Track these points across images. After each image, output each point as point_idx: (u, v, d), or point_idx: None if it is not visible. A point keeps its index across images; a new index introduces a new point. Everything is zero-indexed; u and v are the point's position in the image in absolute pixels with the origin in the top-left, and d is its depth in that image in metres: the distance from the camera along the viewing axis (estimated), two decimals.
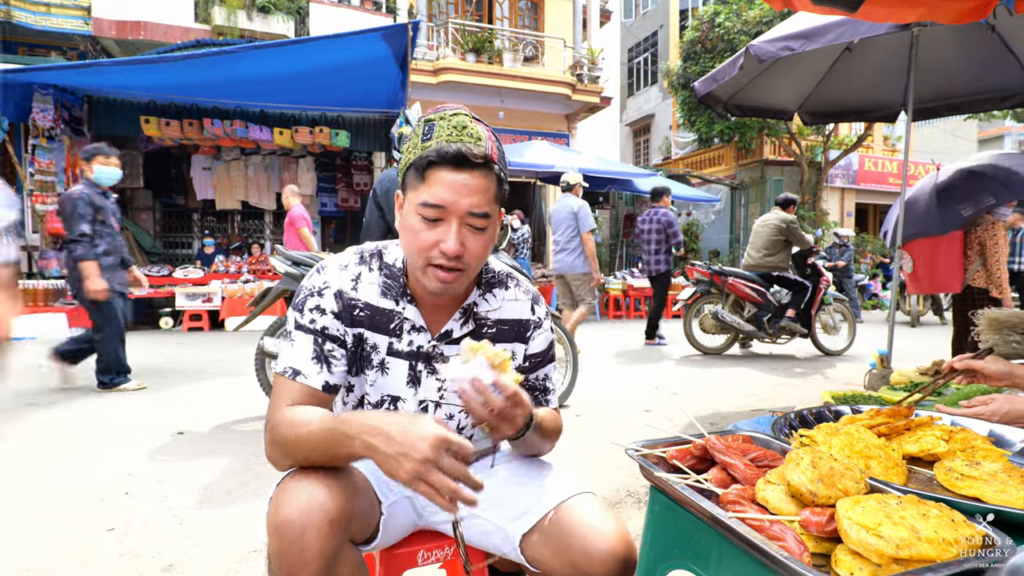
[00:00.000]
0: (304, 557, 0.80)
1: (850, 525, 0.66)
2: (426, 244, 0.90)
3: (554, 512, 0.97)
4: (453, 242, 0.89)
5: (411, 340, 1.01)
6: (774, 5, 1.91)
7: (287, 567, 0.81)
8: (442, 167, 0.88)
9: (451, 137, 0.89)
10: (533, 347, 1.10)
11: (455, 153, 0.87)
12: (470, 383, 0.84)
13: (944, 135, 20.43)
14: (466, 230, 0.91)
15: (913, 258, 3.79)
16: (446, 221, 0.90)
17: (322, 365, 0.96)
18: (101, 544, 1.81)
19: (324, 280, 0.99)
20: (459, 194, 0.88)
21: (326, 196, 10.56)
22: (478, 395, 0.84)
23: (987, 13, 1.68)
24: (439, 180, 0.88)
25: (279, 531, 0.81)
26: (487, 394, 0.84)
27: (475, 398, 0.84)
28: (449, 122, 0.91)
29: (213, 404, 3.66)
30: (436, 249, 0.90)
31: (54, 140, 6.99)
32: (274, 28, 9.08)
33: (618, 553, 0.92)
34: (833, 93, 4.30)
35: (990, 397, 1.17)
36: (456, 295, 1.01)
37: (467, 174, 0.88)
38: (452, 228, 0.89)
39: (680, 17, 18.53)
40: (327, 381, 0.96)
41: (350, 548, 0.89)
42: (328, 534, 0.81)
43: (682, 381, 4.52)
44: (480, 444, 1.13)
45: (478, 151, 0.88)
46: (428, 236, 0.90)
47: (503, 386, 0.85)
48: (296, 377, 0.95)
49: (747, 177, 15.58)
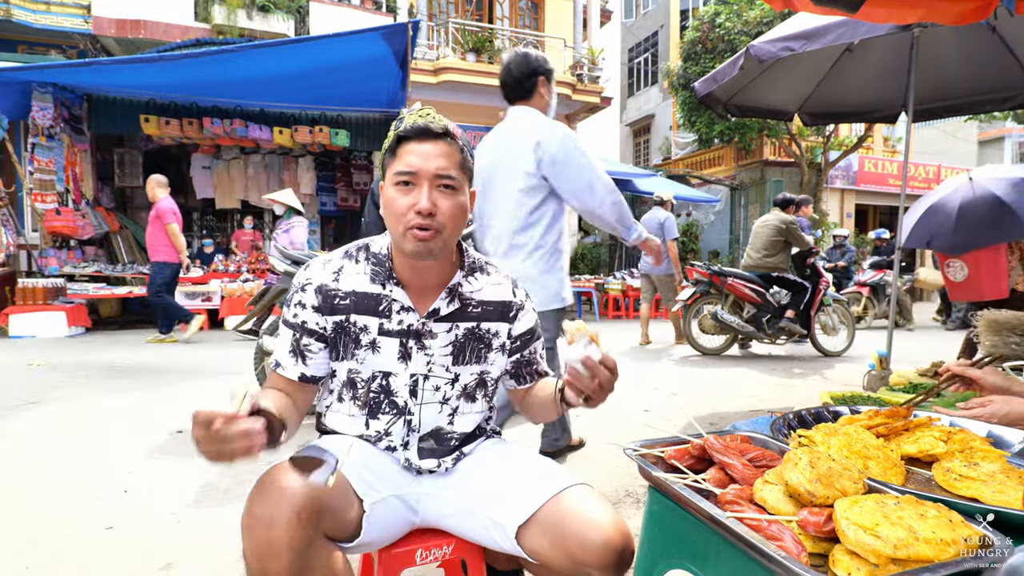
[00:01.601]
0: (273, 551, 0.82)
1: (848, 525, 0.66)
2: (402, 208, 1.00)
3: (550, 503, 0.98)
4: (426, 200, 0.98)
5: (401, 319, 1.08)
6: (775, 6, 1.91)
7: (258, 561, 0.83)
8: (410, 140, 1.01)
9: (417, 119, 1.02)
10: (519, 327, 1.19)
11: (419, 127, 1.01)
12: (582, 362, 0.95)
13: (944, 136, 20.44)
14: (436, 192, 1.00)
15: (969, 267, 3.75)
16: (417, 185, 1.00)
17: (298, 359, 1.08)
18: (99, 542, 1.81)
19: (307, 277, 1.09)
20: (426, 159, 1.00)
21: (325, 195, 10.56)
22: (587, 371, 0.96)
23: (988, 14, 1.68)
24: (408, 151, 1.01)
25: (249, 527, 0.84)
26: (598, 370, 0.96)
27: (584, 374, 0.96)
28: (415, 114, 1.04)
29: (212, 403, 3.66)
30: (411, 212, 0.99)
31: (53, 139, 6.99)
32: (274, 27, 9.07)
33: (614, 543, 0.93)
34: (833, 94, 4.30)
35: (988, 399, 1.17)
36: (444, 265, 1.09)
37: (431, 143, 1.01)
38: (424, 189, 0.99)
39: (680, 17, 18.52)
40: (303, 372, 1.09)
41: (324, 542, 0.90)
42: (297, 527, 0.83)
43: (681, 381, 4.52)
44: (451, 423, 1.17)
45: (439, 125, 1.02)
46: (404, 201, 1.00)
47: (607, 359, 0.97)
48: (278, 368, 1.10)
49: (747, 178, 15.59)
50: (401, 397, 1.09)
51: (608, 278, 10.27)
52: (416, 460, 1.11)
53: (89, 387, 3.99)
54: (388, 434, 1.10)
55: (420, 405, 1.11)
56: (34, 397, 3.64)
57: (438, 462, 1.12)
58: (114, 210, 8.80)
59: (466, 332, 1.12)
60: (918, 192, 16.75)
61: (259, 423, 0.82)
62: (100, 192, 8.50)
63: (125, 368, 4.70)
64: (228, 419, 0.80)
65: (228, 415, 0.80)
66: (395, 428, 1.10)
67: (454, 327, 1.11)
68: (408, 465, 1.11)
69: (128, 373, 4.48)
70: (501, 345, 1.17)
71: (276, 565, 0.82)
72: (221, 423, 0.80)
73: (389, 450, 1.11)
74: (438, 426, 1.12)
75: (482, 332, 1.14)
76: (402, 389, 1.09)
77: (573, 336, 0.98)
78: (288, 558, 0.82)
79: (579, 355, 0.95)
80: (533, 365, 1.24)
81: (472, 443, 1.18)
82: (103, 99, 7.66)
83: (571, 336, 0.98)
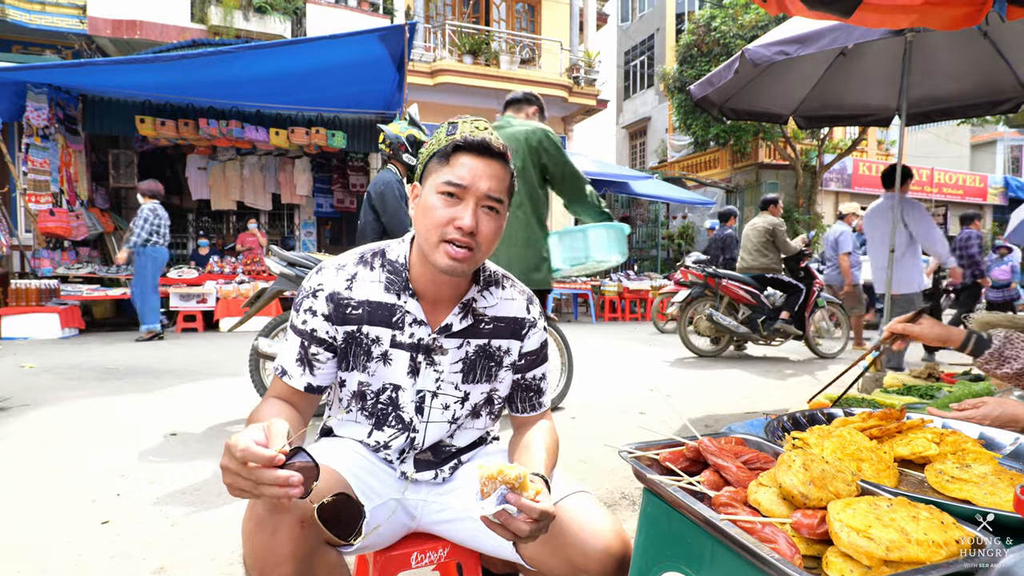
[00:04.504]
0: (276, 558, 0.80)
1: (841, 527, 0.66)
2: (443, 220, 0.95)
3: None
4: (470, 218, 0.95)
5: (412, 333, 1.04)
6: (769, 10, 1.92)
7: (260, 568, 0.81)
8: (467, 152, 0.97)
9: (475, 131, 0.99)
10: (528, 345, 1.13)
11: (480, 141, 0.97)
12: (495, 516, 0.80)
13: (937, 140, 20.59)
14: (481, 211, 0.97)
15: None
16: (464, 200, 0.96)
17: (305, 368, 1.03)
18: (92, 545, 1.80)
19: (319, 282, 1.04)
20: (479, 177, 0.96)
21: (322, 197, 10.54)
22: (505, 526, 0.81)
23: (980, 19, 1.70)
24: (463, 163, 0.96)
25: (251, 533, 0.82)
26: (514, 524, 0.81)
27: (504, 527, 0.81)
28: (471, 123, 1.01)
29: (206, 405, 3.64)
30: (452, 225, 0.95)
31: (48, 139, 6.95)
32: (271, 28, 9.04)
33: (614, 551, 0.92)
34: (828, 97, 4.33)
35: (981, 400, 1.18)
36: (461, 280, 1.05)
37: (487, 161, 0.97)
38: (469, 206, 0.96)
39: (676, 21, 18.60)
40: (309, 383, 1.04)
41: (326, 549, 0.88)
42: (300, 535, 0.81)
43: (676, 383, 4.53)
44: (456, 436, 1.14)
45: (498, 144, 0.98)
46: (445, 213, 0.96)
47: (528, 510, 0.80)
48: (283, 376, 1.04)
49: (742, 180, 15.65)
50: (407, 413, 1.06)
51: (604, 280, 10.28)
52: (412, 472, 1.09)
53: (82, 389, 3.96)
54: (387, 447, 1.08)
55: (426, 423, 1.07)
56: (26, 399, 3.61)
57: (435, 472, 1.11)
58: (108, 211, 8.75)
59: (477, 349, 1.08)
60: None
61: (298, 477, 0.73)
62: (94, 193, 8.45)
63: (118, 370, 4.67)
64: (267, 462, 0.72)
65: (267, 457, 0.72)
66: (395, 443, 1.07)
67: (465, 343, 1.07)
68: (404, 477, 1.09)
69: (121, 375, 4.46)
70: (512, 363, 1.13)
71: (278, 572, 0.80)
72: (259, 465, 0.72)
73: (386, 462, 1.09)
74: (439, 440, 1.10)
75: (493, 349, 1.10)
76: (408, 405, 1.06)
77: (485, 486, 0.80)
78: (291, 565, 0.81)
79: (492, 512, 0.79)
80: (531, 392, 1.16)
81: (471, 452, 1.17)
82: (98, 100, 7.62)
83: (483, 486, 0.80)
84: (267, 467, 0.72)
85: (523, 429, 1.15)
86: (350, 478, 0.98)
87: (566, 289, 9.85)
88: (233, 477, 0.73)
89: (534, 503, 0.80)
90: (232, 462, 0.72)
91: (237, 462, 0.72)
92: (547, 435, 1.11)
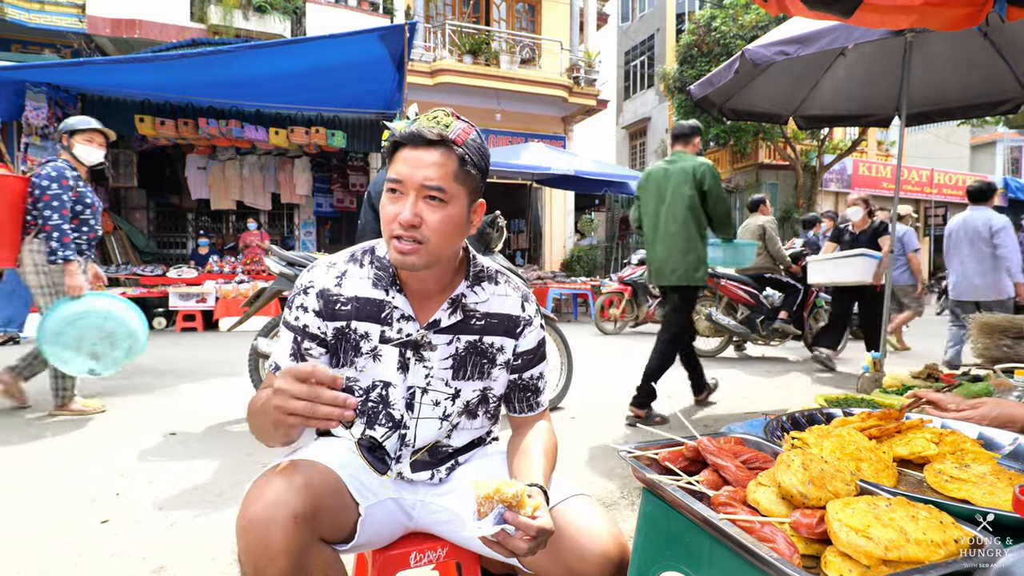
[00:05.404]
0: (270, 554, 0.80)
1: (839, 527, 0.67)
2: (389, 217, 0.96)
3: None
4: (407, 212, 0.94)
5: (401, 328, 1.04)
6: (769, 10, 1.92)
7: (254, 564, 0.81)
8: (405, 147, 0.96)
9: (416, 122, 0.96)
10: (524, 344, 1.12)
11: (412, 133, 0.95)
12: (494, 536, 0.80)
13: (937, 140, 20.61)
14: (423, 203, 0.95)
15: None
16: (404, 195, 0.95)
17: (298, 363, 1.01)
18: (92, 544, 1.80)
19: (311, 279, 1.05)
20: (414, 168, 0.94)
21: (322, 197, 10.54)
22: (503, 544, 0.81)
23: (980, 20, 1.69)
24: (401, 158, 0.96)
25: (245, 529, 0.82)
26: (512, 543, 0.80)
27: (502, 545, 0.81)
28: (425, 116, 0.98)
29: (206, 405, 3.64)
30: (396, 221, 0.95)
31: (47, 138, 6.94)
32: (270, 28, 9.04)
33: (611, 555, 0.92)
34: (828, 98, 4.33)
35: (980, 401, 1.18)
36: (446, 274, 1.05)
37: (422, 150, 0.94)
38: (408, 200, 0.95)
39: (676, 21, 18.61)
40: None
41: (320, 546, 0.89)
42: (293, 530, 0.82)
43: (676, 383, 4.53)
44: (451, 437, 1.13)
45: (434, 131, 0.94)
46: (391, 210, 0.96)
47: (526, 527, 0.80)
48: (277, 372, 1.03)
49: (742, 181, 15.66)
50: (398, 410, 1.06)
51: (604, 280, 10.28)
52: (408, 473, 1.08)
53: (81, 389, 3.96)
54: (381, 448, 1.07)
55: (417, 420, 1.07)
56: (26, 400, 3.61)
57: (432, 473, 1.10)
58: (108, 211, 8.75)
59: (467, 345, 1.07)
60: (912, 195, 16.89)
61: (354, 400, 0.80)
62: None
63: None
64: (331, 382, 0.78)
65: (332, 376, 0.78)
66: (388, 443, 1.06)
67: (455, 339, 1.06)
68: (400, 478, 1.08)
69: (120, 374, 4.45)
70: (506, 361, 1.11)
71: (272, 568, 0.80)
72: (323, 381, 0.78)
73: (381, 463, 1.08)
74: (435, 440, 1.10)
75: (484, 346, 1.09)
76: (399, 402, 1.05)
77: (482, 505, 0.79)
78: (285, 561, 0.81)
79: (490, 532, 0.78)
80: (529, 392, 1.15)
81: (468, 452, 1.16)
82: (98, 99, 7.61)
83: (480, 505, 0.79)
84: (329, 386, 0.78)
85: (521, 430, 1.15)
86: (346, 477, 0.98)
87: (566, 289, 9.84)
88: (286, 399, 0.78)
89: (532, 520, 0.80)
90: (291, 384, 0.78)
91: (297, 383, 0.77)
92: (546, 437, 1.11)
